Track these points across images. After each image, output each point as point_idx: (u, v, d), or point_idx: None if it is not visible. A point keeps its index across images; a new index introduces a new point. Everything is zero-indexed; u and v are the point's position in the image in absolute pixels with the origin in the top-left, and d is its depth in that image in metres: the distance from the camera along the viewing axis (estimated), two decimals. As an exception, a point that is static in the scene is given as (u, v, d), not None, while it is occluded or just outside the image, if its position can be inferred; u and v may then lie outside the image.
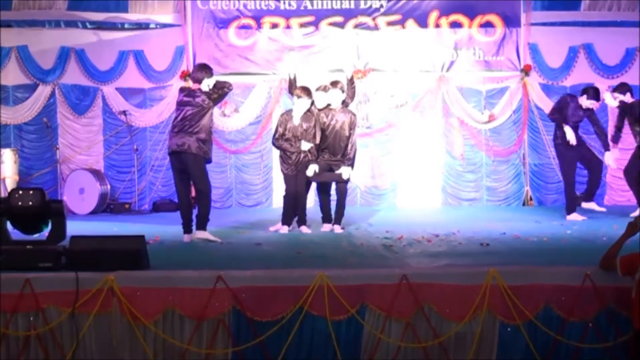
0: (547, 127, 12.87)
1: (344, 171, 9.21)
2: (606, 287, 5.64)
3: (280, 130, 9.19)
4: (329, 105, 9.34)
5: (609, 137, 10.36)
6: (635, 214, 9.88)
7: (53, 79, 12.90)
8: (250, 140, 13.13)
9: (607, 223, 9.28)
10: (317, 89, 9.42)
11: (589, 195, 10.24)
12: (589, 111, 10.15)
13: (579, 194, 10.41)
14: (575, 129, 10.06)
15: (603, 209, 10.14)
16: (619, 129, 10.31)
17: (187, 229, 8.38)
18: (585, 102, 10.05)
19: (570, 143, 9.90)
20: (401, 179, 13.20)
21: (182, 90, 8.66)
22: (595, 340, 5.66)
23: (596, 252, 5.91)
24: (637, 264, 5.28)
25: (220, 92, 8.51)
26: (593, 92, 10.11)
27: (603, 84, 12.11)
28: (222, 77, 12.84)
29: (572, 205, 10.13)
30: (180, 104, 8.44)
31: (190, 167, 8.28)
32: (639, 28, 12.76)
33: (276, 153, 10.60)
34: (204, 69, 8.56)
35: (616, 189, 12.83)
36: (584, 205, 10.19)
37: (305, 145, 9.07)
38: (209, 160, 8.51)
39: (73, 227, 8.42)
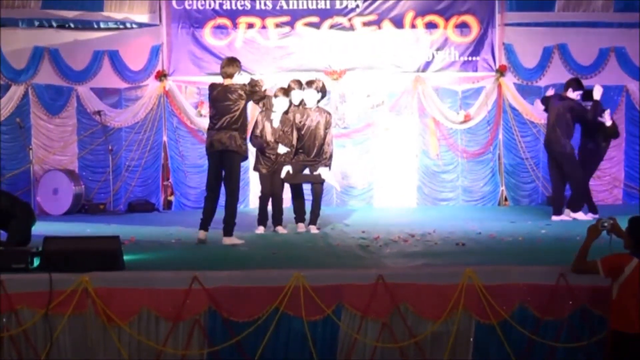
0: (521, 128, 12.98)
1: (322, 171, 9.18)
2: (580, 287, 5.69)
3: (260, 127, 9.14)
4: (303, 103, 9.30)
5: None
6: (587, 217, 9.94)
7: (26, 79, 12.70)
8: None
9: (581, 223, 9.33)
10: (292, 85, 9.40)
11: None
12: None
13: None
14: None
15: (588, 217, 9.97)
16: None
17: (205, 227, 8.20)
18: (572, 94, 10.10)
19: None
20: (377, 179, 13.21)
21: (214, 86, 8.32)
22: (570, 340, 5.70)
23: (570, 251, 5.94)
24: (622, 266, 5.25)
25: (252, 89, 8.25)
26: (577, 83, 10.21)
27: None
28: (197, 78, 12.94)
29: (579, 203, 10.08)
30: (215, 101, 8.18)
31: (231, 165, 8.12)
32: (612, 29, 12.90)
33: (253, 153, 10.57)
34: (234, 63, 8.26)
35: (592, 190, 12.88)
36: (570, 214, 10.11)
37: (282, 149, 9.01)
38: (246, 158, 8.46)
39: (47, 228, 8.41)
